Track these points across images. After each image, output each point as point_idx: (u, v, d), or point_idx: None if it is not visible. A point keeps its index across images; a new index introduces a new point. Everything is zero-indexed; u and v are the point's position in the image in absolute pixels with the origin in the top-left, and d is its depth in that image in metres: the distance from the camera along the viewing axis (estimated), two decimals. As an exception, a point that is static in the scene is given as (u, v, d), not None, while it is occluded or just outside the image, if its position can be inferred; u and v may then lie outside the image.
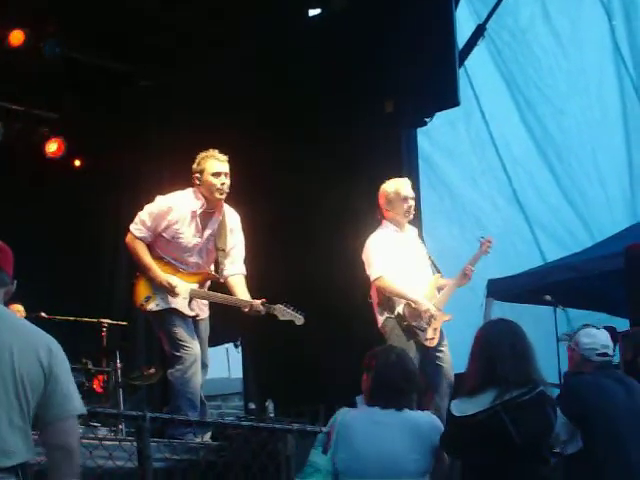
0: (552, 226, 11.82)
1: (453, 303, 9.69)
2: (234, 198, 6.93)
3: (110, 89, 10.45)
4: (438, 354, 7.06)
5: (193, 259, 6.62)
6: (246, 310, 6.57)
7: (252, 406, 9.02)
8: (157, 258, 6.55)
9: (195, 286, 6.58)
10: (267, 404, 8.32)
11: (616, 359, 6.92)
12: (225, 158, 6.61)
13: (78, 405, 3.33)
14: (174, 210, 6.49)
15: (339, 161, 9.39)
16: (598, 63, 12.21)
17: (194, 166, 6.60)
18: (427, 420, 4.49)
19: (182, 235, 6.49)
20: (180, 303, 6.50)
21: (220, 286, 6.85)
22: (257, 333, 10.84)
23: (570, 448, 4.72)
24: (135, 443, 5.15)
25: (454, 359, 8.39)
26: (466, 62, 10.07)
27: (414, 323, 6.88)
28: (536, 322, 8.42)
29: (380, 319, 6.98)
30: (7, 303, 3.42)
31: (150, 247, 6.56)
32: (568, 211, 11.91)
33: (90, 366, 7.93)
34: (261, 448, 5.71)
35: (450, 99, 9.26)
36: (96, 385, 7.81)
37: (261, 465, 5.64)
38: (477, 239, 7.52)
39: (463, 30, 9.83)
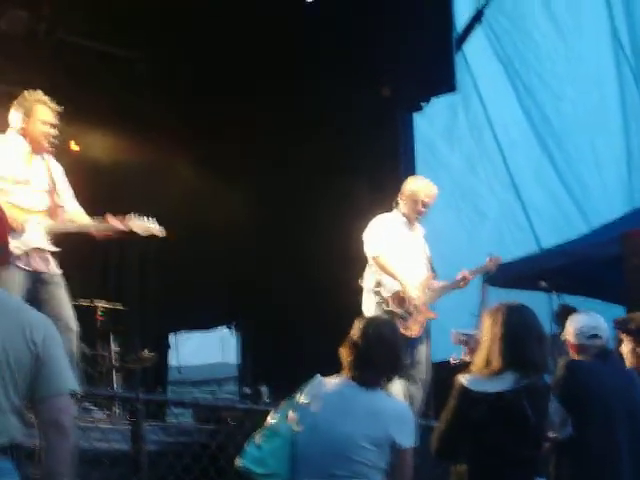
0: (548, 212, 11.80)
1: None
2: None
3: (105, 72, 10.38)
4: (418, 347, 6.99)
5: (32, 195, 6.23)
6: (106, 231, 6.16)
7: (247, 391, 9.03)
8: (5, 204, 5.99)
9: (47, 221, 6.21)
10: (262, 389, 8.34)
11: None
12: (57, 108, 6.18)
13: (71, 383, 3.26)
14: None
15: (337, 145, 9.39)
16: (596, 49, 12.17)
17: (20, 105, 6.14)
18: (393, 406, 4.10)
19: (11, 171, 6.14)
20: (39, 241, 6.12)
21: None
22: (252, 318, 10.87)
23: (560, 434, 4.70)
24: (129, 425, 5.15)
25: (449, 346, 8.38)
26: (464, 47, 10.07)
27: (396, 309, 6.87)
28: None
29: (366, 303, 6.98)
30: None
31: None
32: (565, 197, 11.89)
33: (85, 349, 7.91)
34: (255, 430, 5.69)
35: (447, 84, 9.27)
36: None
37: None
38: (487, 254, 7.60)
39: (461, 15, 9.82)
